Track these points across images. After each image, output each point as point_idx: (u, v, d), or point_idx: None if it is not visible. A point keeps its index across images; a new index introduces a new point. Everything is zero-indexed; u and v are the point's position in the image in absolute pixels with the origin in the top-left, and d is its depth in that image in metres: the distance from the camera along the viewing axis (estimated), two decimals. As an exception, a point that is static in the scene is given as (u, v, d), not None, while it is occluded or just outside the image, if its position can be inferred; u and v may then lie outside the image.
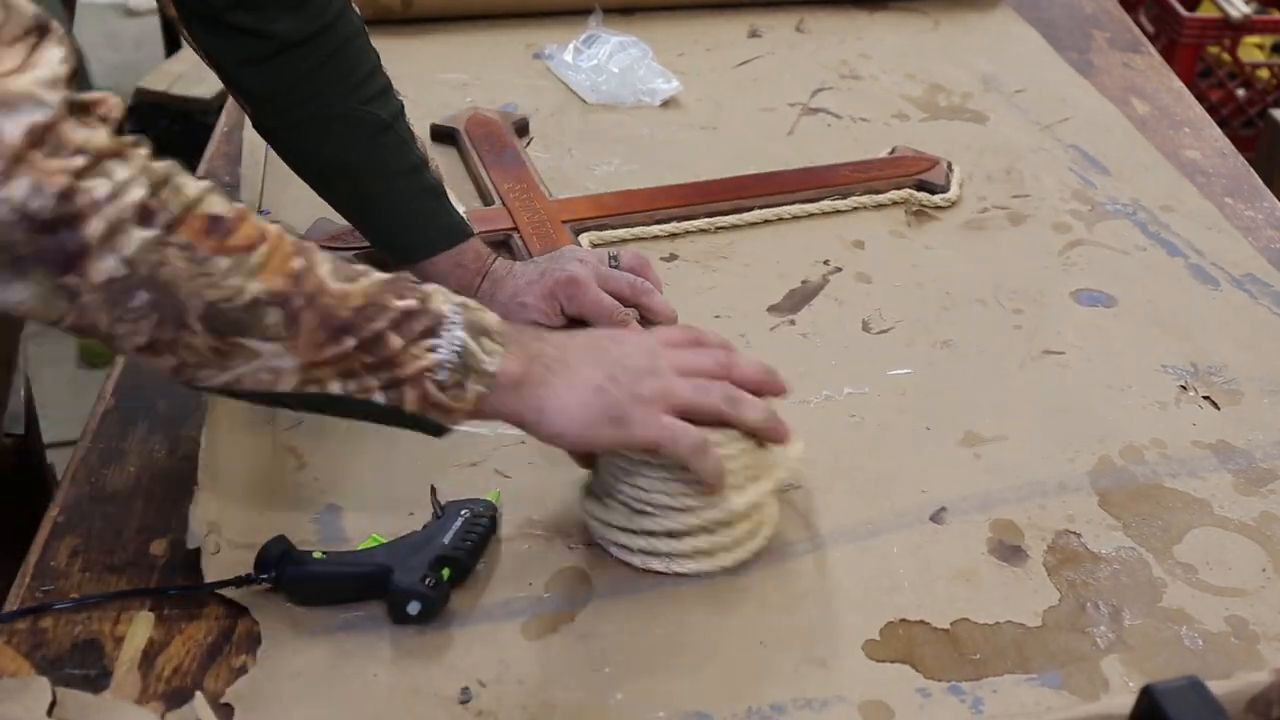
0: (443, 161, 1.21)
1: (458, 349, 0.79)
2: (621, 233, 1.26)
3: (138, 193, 0.70)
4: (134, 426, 1.03)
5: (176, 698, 0.80)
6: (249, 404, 0.84)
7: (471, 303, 0.83)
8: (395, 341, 0.78)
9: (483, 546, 0.89)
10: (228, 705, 0.79)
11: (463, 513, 0.90)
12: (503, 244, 1.22)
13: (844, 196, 1.31)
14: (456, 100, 1.50)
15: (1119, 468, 1.00)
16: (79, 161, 0.67)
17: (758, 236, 1.27)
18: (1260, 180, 1.45)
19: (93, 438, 1.01)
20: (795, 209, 1.30)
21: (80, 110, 0.69)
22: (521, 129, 1.44)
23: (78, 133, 0.68)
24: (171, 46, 2.97)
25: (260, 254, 0.75)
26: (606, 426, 0.83)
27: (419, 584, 0.84)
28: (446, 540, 0.87)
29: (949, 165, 1.36)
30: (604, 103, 1.52)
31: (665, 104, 1.52)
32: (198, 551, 0.89)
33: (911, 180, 1.33)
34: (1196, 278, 1.23)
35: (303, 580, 0.85)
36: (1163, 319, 1.17)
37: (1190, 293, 1.21)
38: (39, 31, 0.68)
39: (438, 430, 0.83)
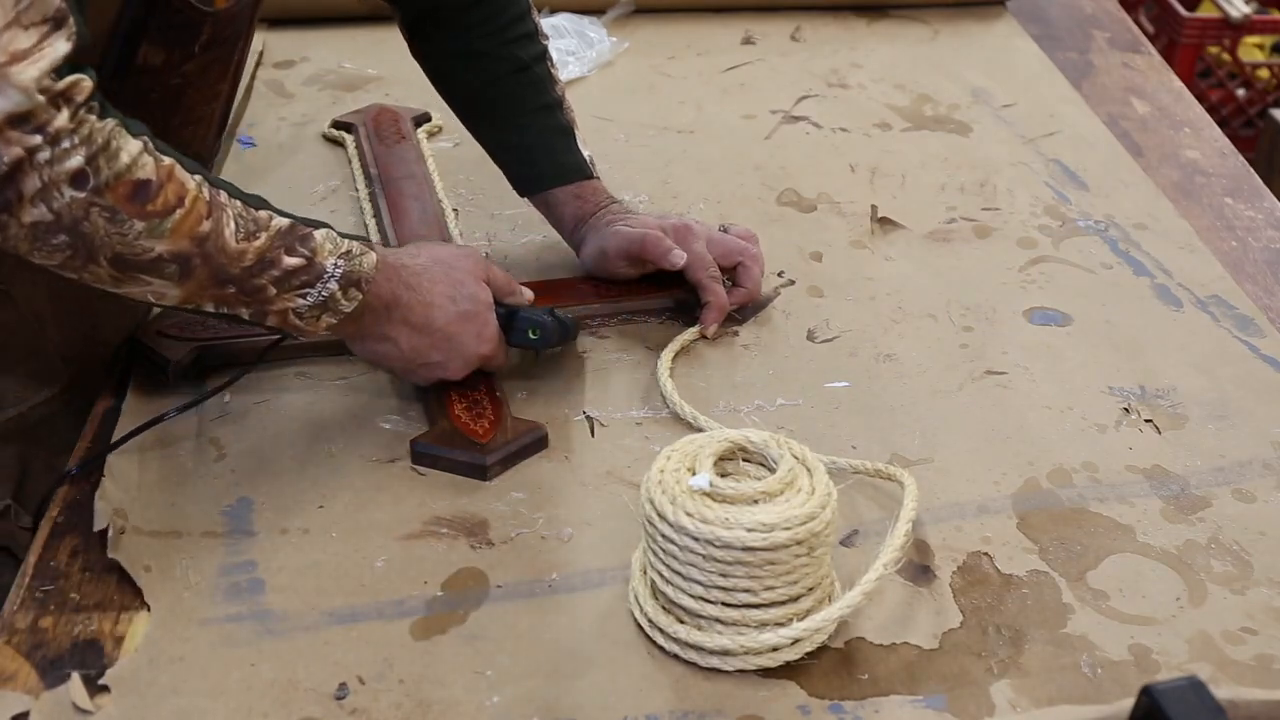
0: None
1: (325, 297, 0.92)
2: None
3: (75, 161, 0.80)
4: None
5: (53, 678, 0.80)
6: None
7: (356, 250, 0.94)
8: (271, 290, 0.90)
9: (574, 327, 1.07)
10: (105, 687, 0.80)
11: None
12: None
13: None
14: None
15: (1045, 490, 0.98)
16: (37, 139, 0.78)
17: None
18: (1260, 180, 1.43)
19: (93, 438, 1.02)
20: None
21: (56, 96, 0.78)
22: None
23: (46, 114, 0.78)
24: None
25: (174, 219, 0.85)
26: (399, 374, 1.02)
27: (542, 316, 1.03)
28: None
29: None
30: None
31: (650, 105, 1.52)
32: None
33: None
34: (1160, 298, 1.20)
35: None
36: (1117, 339, 1.15)
37: (1151, 313, 1.18)
38: (55, 22, 0.78)
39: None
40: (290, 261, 0.90)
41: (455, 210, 1.29)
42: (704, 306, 1.13)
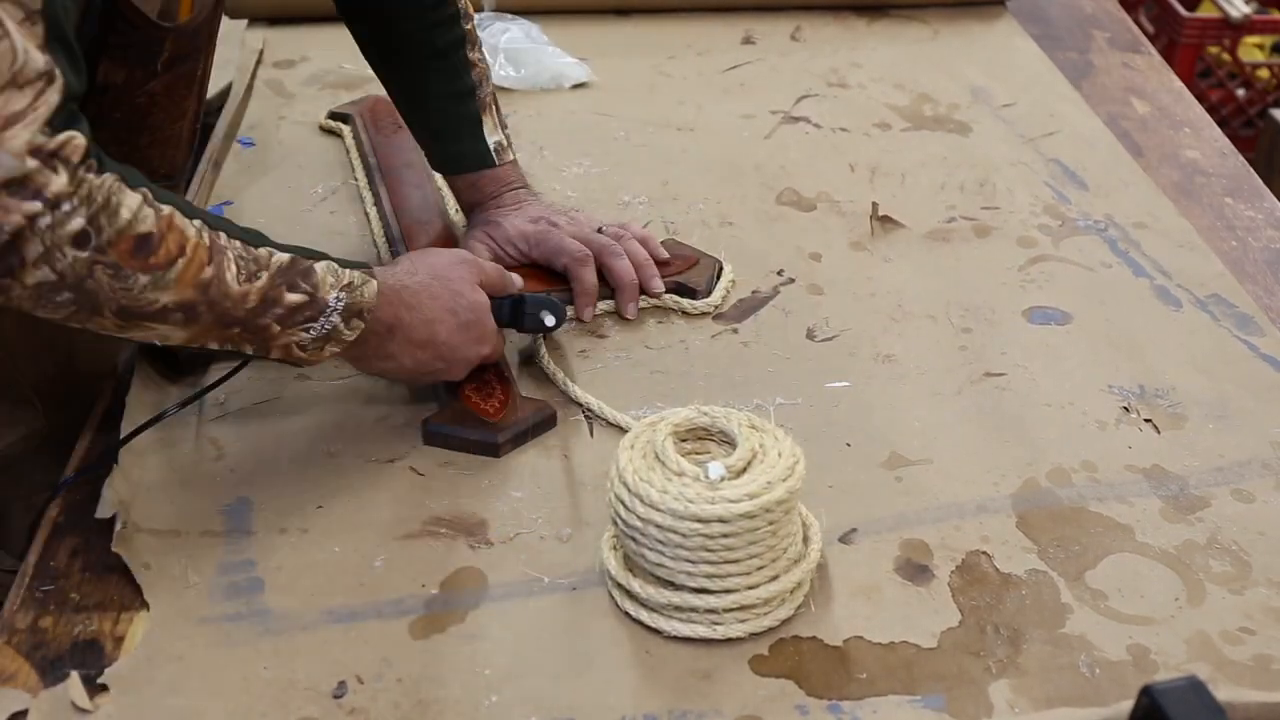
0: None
1: (327, 330, 0.91)
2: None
3: (77, 222, 0.78)
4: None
5: (53, 678, 0.80)
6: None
7: (358, 281, 0.92)
8: (276, 328, 0.89)
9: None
10: (104, 685, 0.80)
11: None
12: None
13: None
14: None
15: (1044, 490, 0.98)
16: (37, 205, 0.76)
17: (711, 249, 1.25)
18: (1260, 180, 1.43)
19: (93, 437, 1.02)
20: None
21: (50, 157, 0.76)
22: None
23: (43, 177, 0.76)
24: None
25: (176, 269, 0.83)
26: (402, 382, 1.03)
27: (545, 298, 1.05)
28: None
29: (718, 264, 1.21)
30: (513, 88, 1.55)
31: (650, 105, 1.52)
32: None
33: (669, 282, 1.17)
34: (1159, 298, 1.20)
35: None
36: (1117, 338, 1.15)
37: (1150, 312, 1.18)
38: (47, 78, 0.76)
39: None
40: (293, 299, 0.88)
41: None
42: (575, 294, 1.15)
